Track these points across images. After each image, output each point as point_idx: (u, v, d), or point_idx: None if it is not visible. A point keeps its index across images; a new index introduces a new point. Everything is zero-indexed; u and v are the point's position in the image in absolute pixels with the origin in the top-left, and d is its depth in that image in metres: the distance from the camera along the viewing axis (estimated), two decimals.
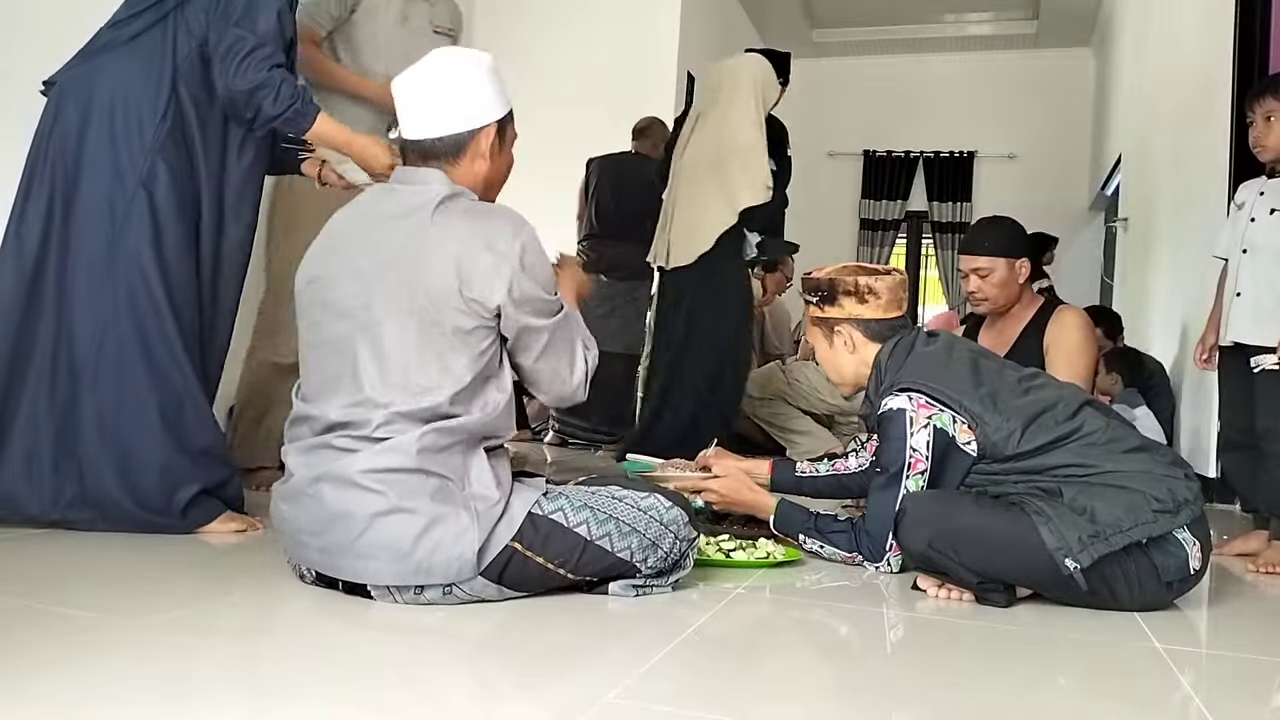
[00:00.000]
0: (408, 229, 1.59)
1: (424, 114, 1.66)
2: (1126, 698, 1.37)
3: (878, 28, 7.92)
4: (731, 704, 1.22)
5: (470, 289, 1.54)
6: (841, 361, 2.13)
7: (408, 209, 1.61)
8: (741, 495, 2.18)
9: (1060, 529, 1.70)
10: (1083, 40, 7.82)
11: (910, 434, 1.90)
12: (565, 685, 1.28)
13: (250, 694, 1.18)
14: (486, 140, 1.68)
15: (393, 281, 1.56)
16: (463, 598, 1.55)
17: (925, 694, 1.32)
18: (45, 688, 1.11)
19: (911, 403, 1.91)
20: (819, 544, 2.03)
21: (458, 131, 1.65)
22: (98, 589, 1.60)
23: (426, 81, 1.66)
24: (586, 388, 1.74)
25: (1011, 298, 2.76)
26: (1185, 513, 1.75)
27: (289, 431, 1.66)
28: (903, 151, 8.30)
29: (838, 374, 2.17)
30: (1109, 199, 7.19)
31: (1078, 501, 1.74)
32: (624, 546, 1.62)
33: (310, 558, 1.59)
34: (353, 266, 1.60)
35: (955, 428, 1.90)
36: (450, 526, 1.50)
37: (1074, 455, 1.81)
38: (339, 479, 1.52)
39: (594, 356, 1.76)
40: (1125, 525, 1.71)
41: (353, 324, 1.57)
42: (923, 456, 1.90)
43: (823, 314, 2.12)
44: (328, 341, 1.60)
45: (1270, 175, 2.60)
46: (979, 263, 2.73)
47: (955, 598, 1.80)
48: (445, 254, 1.55)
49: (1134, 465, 1.79)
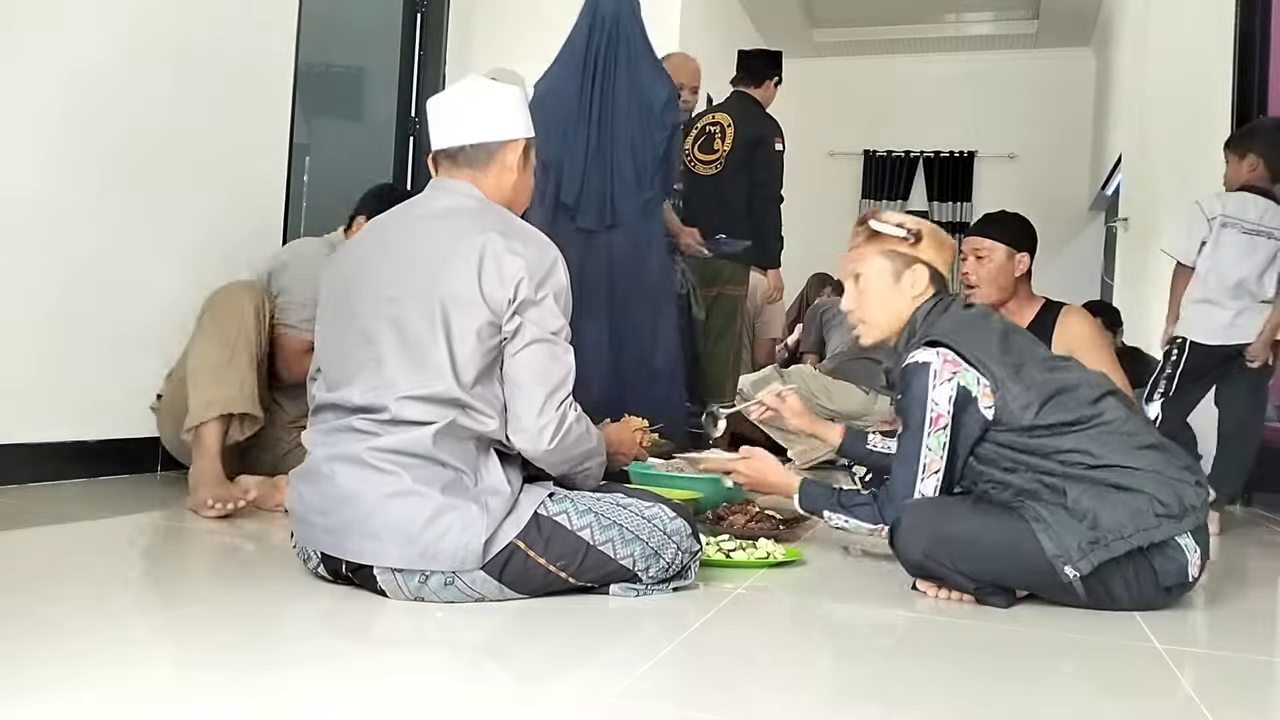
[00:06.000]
0: (442, 230, 1.67)
1: (457, 123, 1.76)
2: (1126, 698, 1.38)
3: (878, 28, 7.92)
4: (731, 704, 1.22)
5: (489, 288, 1.59)
6: (898, 300, 2.03)
7: (443, 212, 1.71)
8: (768, 476, 2.17)
9: (1060, 535, 1.70)
10: (1083, 40, 7.82)
11: (933, 386, 1.85)
12: (565, 685, 1.28)
13: (251, 694, 1.18)
14: (514, 154, 1.78)
15: (421, 277, 1.62)
16: (464, 591, 1.56)
17: (925, 694, 1.32)
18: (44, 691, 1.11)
19: (938, 357, 1.86)
20: (844, 518, 1.97)
21: (487, 140, 1.75)
22: (98, 589, 1.60)
23: (460, 96, 1.78)
24: (555, 443, 1.64)
25: (1004, 291, 2.70)
26: (1190, 519, 1.73)
27: (312, 419, 1.71)
28: (903, 151, 8.30)
29: (884, 310, 2.04)
30: (1109, 199, 7.19)
31: (1080, 504, 1.73)
32: (626, 554, 1.63)
33: (319, 539, 1.61)
34: (386, 262, 1.68)
35: (978, 388, 1.85)
36: (459, 515, 1.53)
37: (1088, 441, 1.78)
38: (354, 458, 1.57)
39: (591, 452, 1.75)
40: (1127, 531, 1.69)
41: (381, 316, 1.63)
42: (944, 411, 1.85)
43: (908, 251, 2.02)
44: (358, 332, 1.65)
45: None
46: (980, 243, 2.71)
47: (955, 598, 1.80)
48: (472, 255, 1.61)
49: (1145, 463, 1.77)
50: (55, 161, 2.59)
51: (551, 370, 1.65)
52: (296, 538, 1.69)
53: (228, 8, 3.14)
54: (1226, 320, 3.29)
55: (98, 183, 2.70)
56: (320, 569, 1.66)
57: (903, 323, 2.03)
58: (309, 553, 1.66)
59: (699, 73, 4.00)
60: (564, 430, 1.64)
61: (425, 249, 1.66)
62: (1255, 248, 3.29)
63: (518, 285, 1.60)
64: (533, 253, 1.64)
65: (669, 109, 3.34)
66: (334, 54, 5.02)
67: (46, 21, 2.54)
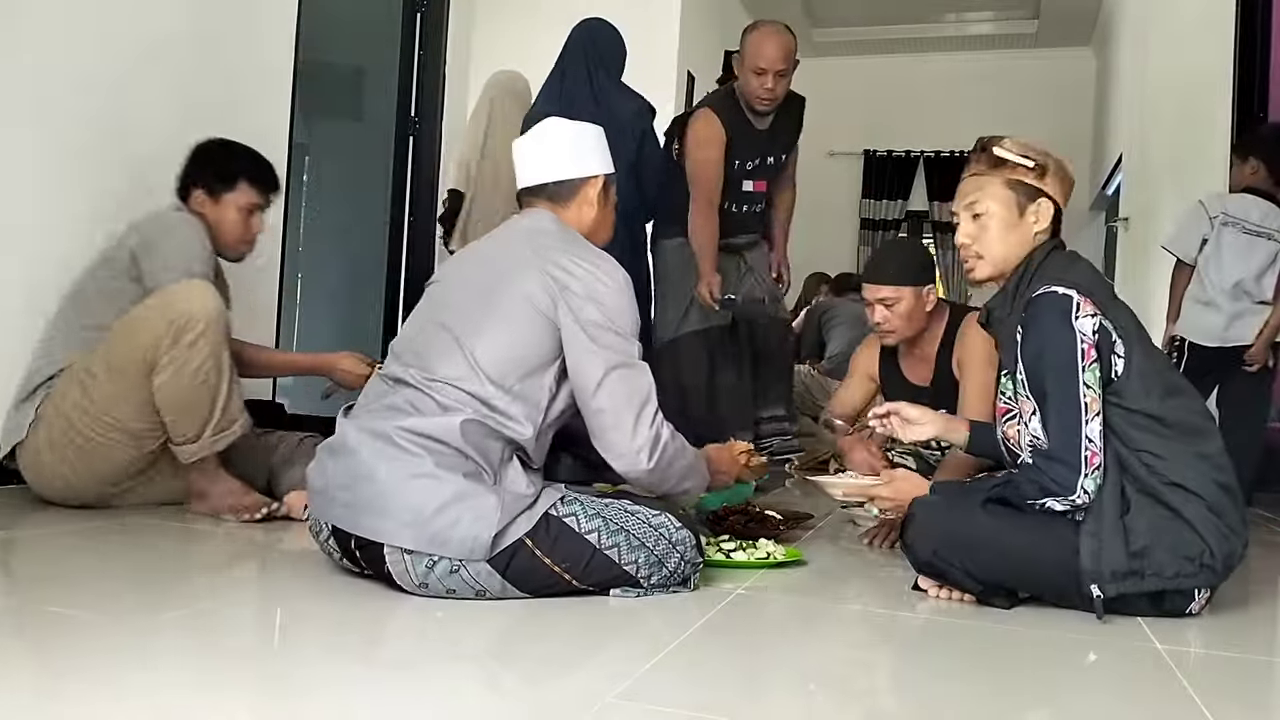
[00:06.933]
0: (517, 243, 1.79)
1: (540, 161, 1.87)
2: (1127, 698, 1.38)
3: (878, 28, 7.92)
4: (732, 704, 1.22)
5: (546, 300, 1.68)
6: (1019, 234, 1.85)
7: (522, 229, 1.83)
8: (916, 496, 1.95)
9: (1101, 554, 1.64)
10: (1083, 40, 7.82)
11: (1076, 318, 1.67)
12: (566, 685, 1.28)
13: (254, 694, 1.18)
14: (595, 189, 1.89)
15: (486, 280, 1.74)
16: (468, 582, 1.57)
17: (925, 694, 1.32)
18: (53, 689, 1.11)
19: (1077, 293, 1.70)
20: None
21: (570, 177, 1.87)
22: (101, 589, 1.60)
23: (545, 136, 1.89)
24: (654, 462, 1.70)
25: (919, 326, 2.56)
26: (1224, 578, 1.71)
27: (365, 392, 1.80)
28: (903, 151, 8.30)
29: (1003, 244, 1.85)
30: (1109, 199, 7.19)
31: (1137, 527, 1.66)
32: (631, 560, 1.64)
33: (334, 512, 1.64)
34: (467, 264, 1.86)
35: (1116, 337, 1.70)
36: (475, 505, 1.56)
37: (1181, 458, 1.69)
38: (382, 435, 1.61)
39: (690, 469, 1.80)
40: (1168, 572, 1.65)
41: (446, 306, 1.76)
42: (1092, 344, 1.66)
43: (1036, 182, 1.86)
44: (427, 319, 1.78)
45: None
46: (884, 292, 2.52)
47: (956, 598, 1.80)
48: (536, 267, 1.70)
49: (1213, 499, 1.67)
50: (55, 161, 2.59)
51: (634, 393, 1.69)
52: (311, 509, 1.73)
53: (228, 8, 3.14)
54: (1223, 322, 3.30)
55: (98, 183, 2.70)
56: (330, 542, 1.68)
57: (1015, 259, 1.86)
58: (321, 524, 1.69)
59: (777, 53, 3.36)
60: (660, 448, 1.70)
61: (497, 257, 1.79)
62: (1255, 249, 3.29)
63: (580, 305, 1.68)
64: (598, 273, 1.72)
65: (639, 117, 3.35)
66: (334, 54, 5.02)
67: (47, 22, 2.54)
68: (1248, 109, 4.05)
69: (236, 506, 2.22)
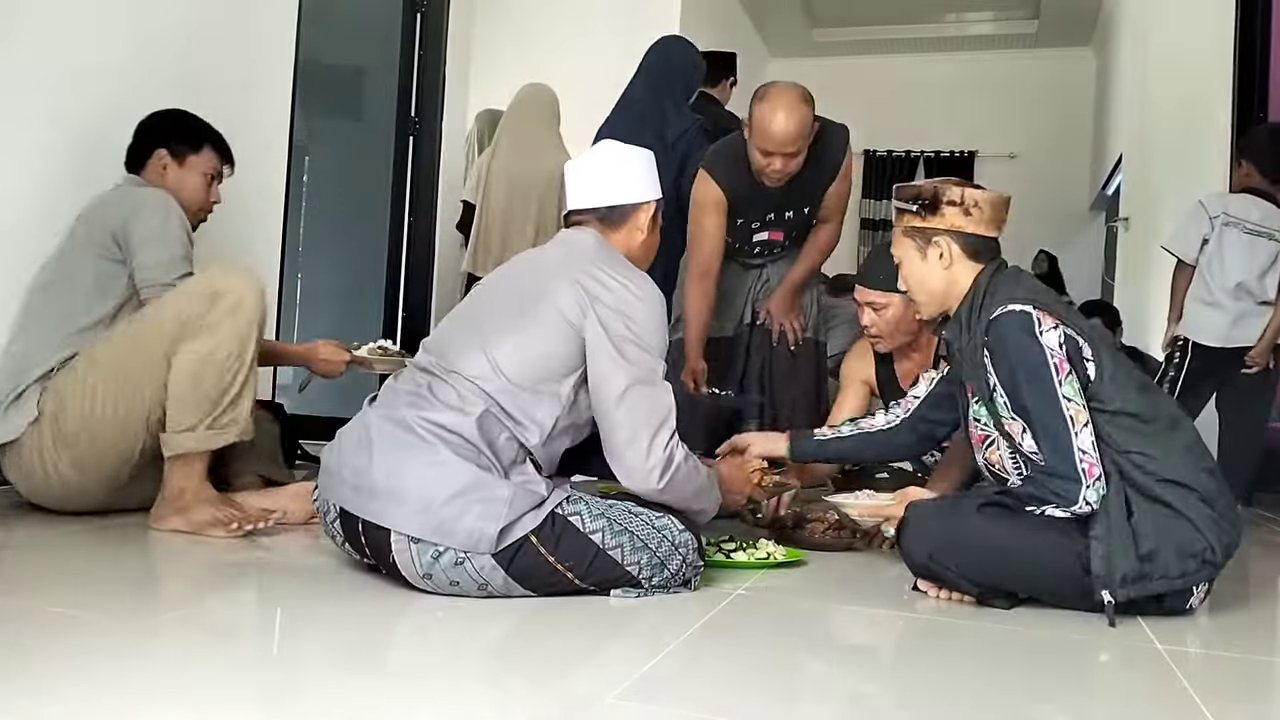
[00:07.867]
0: (556, 255, 1.84)
1: (592, 186, 1.89)
2: (1126, 698, 1.38)
3: (878, 28, 7.91)
4: (732, 704, 1.22)
5: (575, 310, 1.69)
6: (932, 277, 1.89)
7: (563, 241, 1.89)
8: None
9: (1111, 559, 1.64)
10: (1083, 40, 7.82)
11: (1039, 333, 1.68)
12: (566, 685, 1.28)
13: (255, 695, 1.18)
14: (645, 215, 1.91)
15: (520, 286, 1.79)
16: (471, 575, 1.57)
17: (925, 694, 1.32)
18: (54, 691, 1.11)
19: (1034, 308, 1.70)
20: None
21: (622, 203, 1.89)
22: (102, 589, 1.60)
23: (598, 161, 1.92)
24: (665, 483, 1.68)
25: (909, 334, 2.53)
26: (1224, 567, 1.72)
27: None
28: (903, 151, 8.30)
29: (924, 290, 1.91)
30: (1109, 199, 7.19)
31: (1143, 529, 1.66)
32: (634, 561, 1.65)
33: (343, 494, 1.65)
34: (511, 273, 1.89)
35: (1083, 344, 1.71)
36: (483, 497, 1.56)
37: (1162, 450, 1.70)
38: (401, 422, 1.63)
39: (702, 490, 1.78)
40: (1174, 573, 1.66)
41: (484, 313, 1.79)
42: (1062, 356, 1.67)
43: (922, 224, 1.88)
44: (463, 314, 1.86)
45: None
46: (873, 296, 2.50)
47: (956, 599, 1.80)
48: (570, 279, 1.72)
49: (1203, 488, 1.68)
50: (54, 161, 2.58)
51: (654, 411, 1.69)
52: (320, 490, 1.74)
53: (228, 8, 3.14)
54: (1227, 322, 3.30)
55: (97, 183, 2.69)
56: (336, 524, 1.69)
57: (958, 287, 1.87)
58: (329, 505, 1.70)
59: (785, 137, 2.73)
60: (673, 469, 1.69)
61: (539, 267, 1.82)
62: (1257, 249, 3.30)
63: (609, 316, 1.69)
64: (631, 287, 1.73)
65: (681, 140, 3.33)
66: (334, 54, 5.02)
67: (46, 22, 2.54)
68: (1248, 109, 4.05)
69: (219, 520, 2.03)
